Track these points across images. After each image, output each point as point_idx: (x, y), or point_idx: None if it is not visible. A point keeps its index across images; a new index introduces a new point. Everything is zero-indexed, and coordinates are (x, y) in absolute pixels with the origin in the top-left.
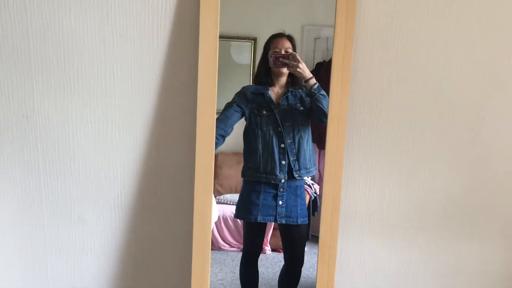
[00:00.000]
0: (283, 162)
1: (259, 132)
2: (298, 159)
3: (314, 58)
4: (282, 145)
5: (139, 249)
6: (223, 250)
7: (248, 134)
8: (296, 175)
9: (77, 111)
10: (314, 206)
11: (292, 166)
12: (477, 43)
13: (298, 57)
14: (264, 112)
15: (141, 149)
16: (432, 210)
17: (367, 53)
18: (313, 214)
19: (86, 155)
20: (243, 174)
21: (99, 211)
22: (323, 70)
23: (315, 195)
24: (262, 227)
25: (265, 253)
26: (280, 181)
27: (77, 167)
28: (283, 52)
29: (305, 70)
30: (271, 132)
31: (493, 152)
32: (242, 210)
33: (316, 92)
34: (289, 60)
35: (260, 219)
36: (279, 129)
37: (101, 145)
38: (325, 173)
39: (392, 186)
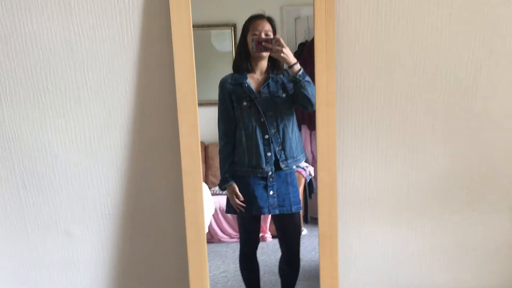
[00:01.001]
0: (269, 154)
1: (241, 125)
2: (284, 149)
3: (296, 39)
4: (266, 136)
5: (131, 257)
6: (224, 242)
7: None
8: (282, 166)
9: (51, 121)
10: (310, 188)
11: (278, 157)
12: (465, 10)
13: (282, 41)
14: (245, 103)
15: (123, 153)
16: (431, 188)
17: (351, 29)
18: (310, 197)
19: (66, 166)
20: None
21: (86, 222)
22: (306, 50)
23: (310, 176)
24: (257, 220)
25: (265, 240)
26: (268, 173)
27: (58, 179)
28: (263, 35)
29: (289, 55)
30: (254, 123)
31: (489, 124)
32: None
33: (301, 78)
34: (273, 44)
35: (252, 212)
36: (262, 119)
37: (81, 153)
38: (318, 160)
39: (389, 167)
